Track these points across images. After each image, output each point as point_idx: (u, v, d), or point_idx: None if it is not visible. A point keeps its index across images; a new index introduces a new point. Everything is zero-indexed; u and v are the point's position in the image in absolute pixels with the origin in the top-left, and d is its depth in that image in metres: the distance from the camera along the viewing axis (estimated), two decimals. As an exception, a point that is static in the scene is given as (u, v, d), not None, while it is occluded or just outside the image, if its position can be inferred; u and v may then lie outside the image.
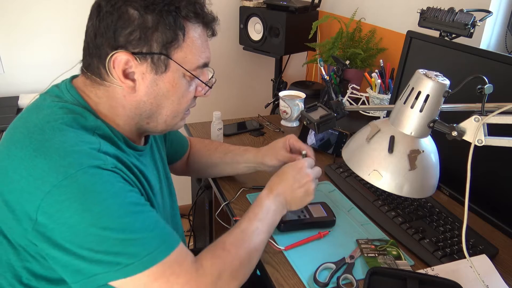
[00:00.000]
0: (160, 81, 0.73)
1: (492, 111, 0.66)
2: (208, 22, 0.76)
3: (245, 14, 2.05)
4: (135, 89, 0.73)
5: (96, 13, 0.70)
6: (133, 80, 0.72)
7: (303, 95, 1.53)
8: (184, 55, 0.73)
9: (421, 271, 0.85)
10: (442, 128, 0.70)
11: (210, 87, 0.82)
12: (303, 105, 1.51)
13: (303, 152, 1.00)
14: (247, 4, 2.06)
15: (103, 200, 0.63)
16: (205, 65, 0.78)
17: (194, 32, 0.73)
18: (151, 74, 0.72)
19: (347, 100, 1.66)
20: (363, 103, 1.64)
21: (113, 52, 0.69)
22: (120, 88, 0.73)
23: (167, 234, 0.70)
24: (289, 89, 1.76)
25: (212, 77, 0.82)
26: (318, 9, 2.06)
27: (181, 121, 0.82)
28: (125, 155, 0.74)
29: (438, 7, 1.11)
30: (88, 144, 0.67)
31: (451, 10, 1.08)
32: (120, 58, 0.69)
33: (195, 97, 0.80)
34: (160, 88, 0.74)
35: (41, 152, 0.64)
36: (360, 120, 1.54)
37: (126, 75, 0.71)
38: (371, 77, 1.52)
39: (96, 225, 0.62)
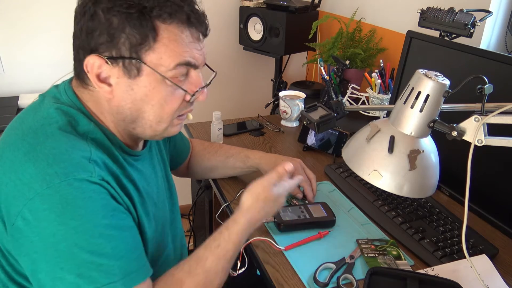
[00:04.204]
0: (135, 85, 0.68)
1: (492, 111, 0.66)
2: (191, 20, 0.69)
3: (245, 14, 2.05)
4: (112, 93, 0.69)
5: (74, 16, 0.69)
6: (110, 85, 0.69)
7: (303, 95, 1.53)
8: (158, 57, 0.67)
9: (421, 271, 0.85)
10: (442, 128, 0.70)
11: (192, 95, 0.73)
12: (303, 105, 1.51)
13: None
14: (247, 4, 2.06)
15: (81, 216, 0.61)
16: (189, 65, 0.70)
17: (170, 32, 0.67)
18: (124, 78, 0.68)
19: (347, 100, 1.66)
20: (363, 103, 1.64)
21: (87, 56, 0.67)
22: (101, 93, 0.70)
23: (134, 267, 0.67)
24: (289, 89, 1.76)
25: (210, 81, 0.76)
26: (318, 9, 2.06)
27: (171, 127, 0.75)
28: (115, 164, 0.71)
29: (438, 7, 1.11)
30: (80, 151, 0.65)
31: (451, 10, 1.08)
32: (92, 62, 0.67)
33: (188, 102, 0.74)
34: (136, 92, 0.69)
35: (31, 157, 0.63)
36: (360, 120, 1.54)
37: (102, 79, 0.68)
38: (371, 77, 1.52)
39: (67, 240, 0.61)
